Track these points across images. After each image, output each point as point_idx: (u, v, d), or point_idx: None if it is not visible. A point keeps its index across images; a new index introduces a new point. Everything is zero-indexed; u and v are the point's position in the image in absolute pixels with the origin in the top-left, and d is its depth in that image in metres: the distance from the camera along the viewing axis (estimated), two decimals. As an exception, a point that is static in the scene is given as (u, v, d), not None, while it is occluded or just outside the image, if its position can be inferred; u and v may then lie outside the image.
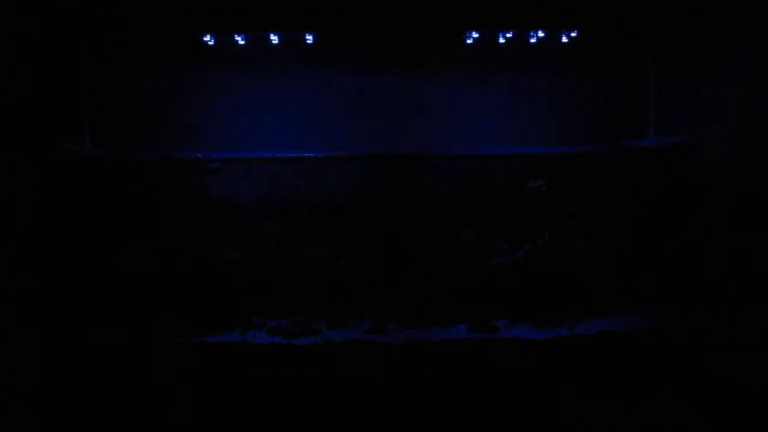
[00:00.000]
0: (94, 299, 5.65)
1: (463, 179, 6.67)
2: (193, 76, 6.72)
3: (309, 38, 6.57)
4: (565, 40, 6.65)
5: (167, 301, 5.66)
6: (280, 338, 5.33)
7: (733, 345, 4.95)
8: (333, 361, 5.01)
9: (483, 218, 6.45)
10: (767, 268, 5.15)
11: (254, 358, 5.03)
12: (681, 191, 6.29)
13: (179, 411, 4.56)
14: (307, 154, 6.72)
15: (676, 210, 6.26)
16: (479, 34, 6.59)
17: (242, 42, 6.57)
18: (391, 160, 6.73)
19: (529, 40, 6.65)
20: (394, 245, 6.22)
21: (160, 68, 6.67)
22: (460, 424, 4.48)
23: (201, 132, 6.74)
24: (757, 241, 5.24)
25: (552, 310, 5.66)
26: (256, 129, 6.78)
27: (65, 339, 5.17)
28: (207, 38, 6.51)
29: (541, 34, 6.61)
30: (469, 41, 6.64)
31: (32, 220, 5.68)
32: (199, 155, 6.65)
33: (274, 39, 6.57)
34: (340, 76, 6.79)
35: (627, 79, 6.82)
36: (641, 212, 6.34)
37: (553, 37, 6.64)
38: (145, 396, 4.67)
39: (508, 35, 6.61)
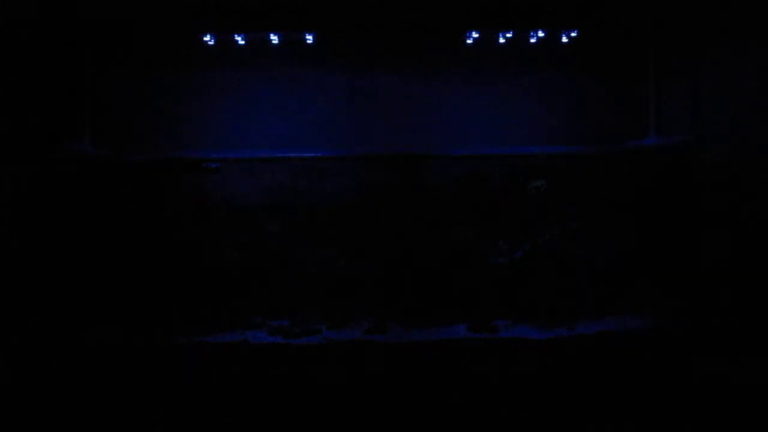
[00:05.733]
0: (95, 299, 5.65)
1: (463, 179, 6.67)
2: (193, 76, 6.72)
3: (309, 38, 6.57)
4: (565, 40, 6.65)
5: (168, 301, 5.66)
6: (280, 338, 5.33)
7: (731, 344, 4.95)
8: (333, 361, 5.01)
9: (483, 218, 6.45)
10: (765, 265, 5.15)
11: (254, 358, 5.03)
12: (681, 191, 6.29)
13: (180, 411, 4.56)
14: (307, 154, 6.72)
15: (675, 209, 6.26)
16: (479, 34, 6.59)
17: (242, 42, 6.57)
18: (392, 160, 6.73)
19: (528, 40, 6.65)
20: (394, 245, 6.23)
21: (161, 68, 6.68)
22: (460, 424, 4.49)
23: (201, 132, 6.74)
24: (755, 240, 5.25)
25: (552, 310, 5.66)
26: (256, 129, 6.78)
27: (65, 339, 5.17)
28: (207, 38, 6.51)
29: (541, 34, 6.61)
30: (469, 41, 6.64)
31: (32, 219, 5.68)
32: (200, 155, 6.65)
33: (274, 39, 6.57)
34: (340, 77, 6.79)
35: (627, 79, 6.82)
36: (641, 212, 6.34)
37: (553, 37, 6.64)
38: (145, 396, 4.67)
39: (508, 35, 6.61)
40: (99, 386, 4.72)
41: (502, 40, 6.64)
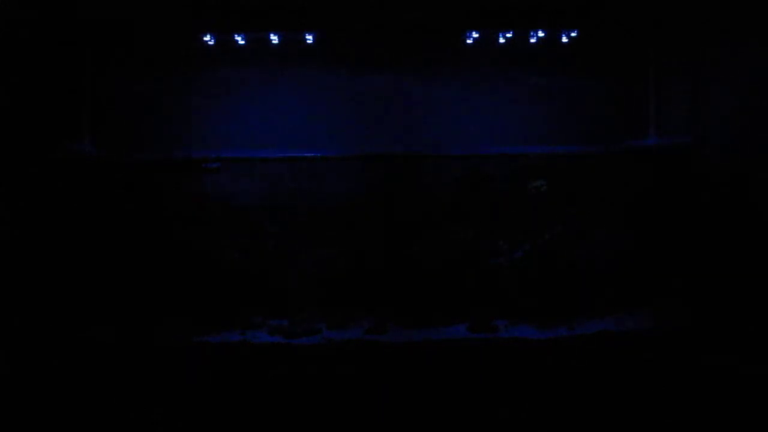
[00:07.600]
0: (95, 299, 5.65)
1: (463, 179, 6.67)
2: (193, 76, 6.72)
3: (309, 38, 6.57)
4: (565, 40, 6.65)
5: (168, 301, 5.66)
6: (280, 338, 5.34)
7: (731, 344, 4.95)
8: (333, 361, 5.01)
9: (483, 218, 6.45)
10: (764, 265, 5.15)
11: (254, 358, 5.03)
12: (681, 191, 6.29)
13: (180, 411, 4.56)
14: (307, 154, 6.72)
15: (675, 209, 6.26)
16: (479, 34, 6.59)
17: (242, 42, 6.57)
18: (391, 160, 6.73)
19: (529, 40, 6.65)
20: (394, 245, 6.23)
21: (161, 68, 6.68)
22: (460, 424, 4.48)
23: (201, 132, 6.74)
24: (755, 240, 5.25)
25: (552, 310, 5.66)
26: (256, 129, 6.78)
27: (65, 338, 5.17)
28: (207, 38, 6.51)
29: (541, 34, 6.61)
30: (469, 41, 6.64)
31: (32, 218, 5.69)
32: (200, 155, 6.65)
33: (274, 39, 6.57)
34: (340, 76, 6.79)
35: (627, 79, 6.83)
36: (641, 212, 6.34)
37: (553, 37, 6.64)
38: (145, 396, 4.67)
39: (508, 35, 6.61)
40: (99, 386, 4.72)
41: (502, 40, 6.64)
